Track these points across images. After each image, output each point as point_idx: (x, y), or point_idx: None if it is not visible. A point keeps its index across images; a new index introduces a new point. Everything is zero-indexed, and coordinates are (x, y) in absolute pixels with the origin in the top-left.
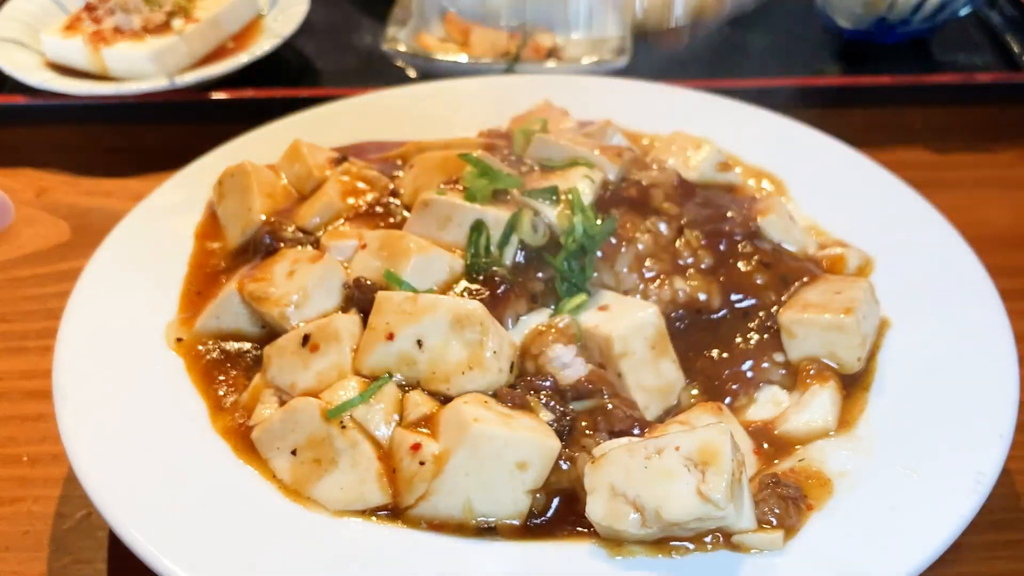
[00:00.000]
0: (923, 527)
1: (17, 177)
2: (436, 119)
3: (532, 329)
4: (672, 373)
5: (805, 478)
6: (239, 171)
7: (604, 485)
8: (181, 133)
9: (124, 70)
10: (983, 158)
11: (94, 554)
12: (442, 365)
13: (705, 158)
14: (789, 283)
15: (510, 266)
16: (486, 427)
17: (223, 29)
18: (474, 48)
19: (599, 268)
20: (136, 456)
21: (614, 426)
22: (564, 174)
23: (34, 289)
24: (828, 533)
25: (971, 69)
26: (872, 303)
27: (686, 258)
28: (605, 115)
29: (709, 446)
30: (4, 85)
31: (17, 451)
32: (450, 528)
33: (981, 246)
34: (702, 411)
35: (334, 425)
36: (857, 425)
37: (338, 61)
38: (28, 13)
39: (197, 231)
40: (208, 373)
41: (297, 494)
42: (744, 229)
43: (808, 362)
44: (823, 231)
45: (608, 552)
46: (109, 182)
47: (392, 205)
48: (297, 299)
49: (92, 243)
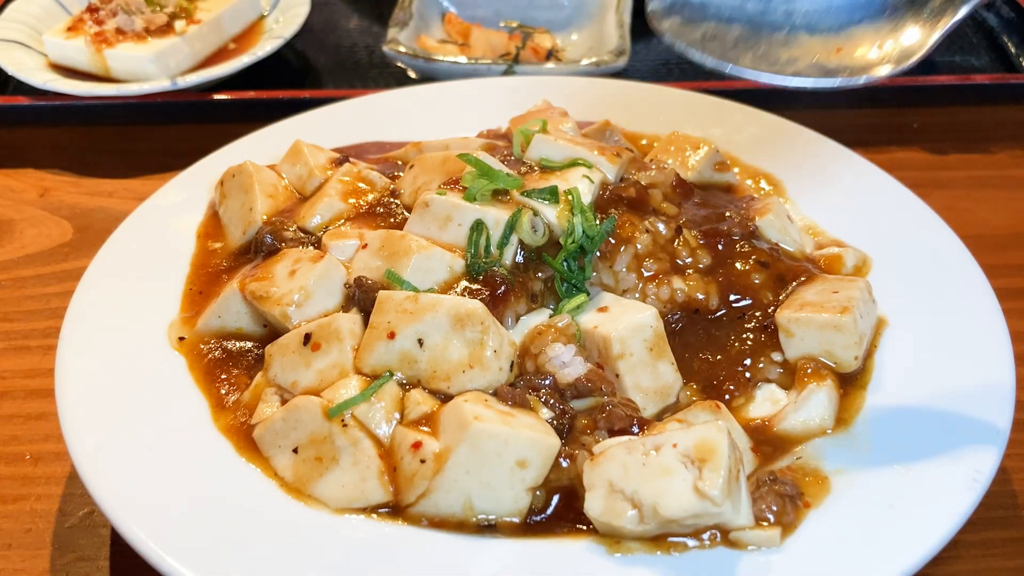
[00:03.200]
0: (920, 525)
1: (20, 177)
2: (436, 120)
3: (532, 329)
4: (670, 375)
5: (803, 476)
6: (241, 171)
7: (602, 482)
8: (183, 134)
9: (126, 71)
10: (980, 159)
11: (96, 551)
12: (443, 364)
13: (703, 158)
14: (787, 283)
15: (510, 266)
16: (486, 425)
17: (225, 30)
18: (474, 49)
19: (598, 268)
20: (138, 454)
21: (613, 424)
22: (563, 174)
23: (37, 288)
24: (825, 531)
25: (968, 70)
26: (869, 302)
27: (684, 258)
28: (604, 116)
29: (706, 443)
30: (7, 86)
31: (20, 449)
32: (451, 525)
33: (977, 246)
34: (700, 409)
35: (335, 423)
36: (854, 423)
37: (339, 62)
38: (31, 14)
39: (199, 231)
40: (210, 372)
41: (299, 492)
42: (742, 229)
43: (806, 361)
44: (820, 231)
45: (607, 549)
46: (111, 182)
47: (392, 205)
48: (298, 298)
49: (94, 243)
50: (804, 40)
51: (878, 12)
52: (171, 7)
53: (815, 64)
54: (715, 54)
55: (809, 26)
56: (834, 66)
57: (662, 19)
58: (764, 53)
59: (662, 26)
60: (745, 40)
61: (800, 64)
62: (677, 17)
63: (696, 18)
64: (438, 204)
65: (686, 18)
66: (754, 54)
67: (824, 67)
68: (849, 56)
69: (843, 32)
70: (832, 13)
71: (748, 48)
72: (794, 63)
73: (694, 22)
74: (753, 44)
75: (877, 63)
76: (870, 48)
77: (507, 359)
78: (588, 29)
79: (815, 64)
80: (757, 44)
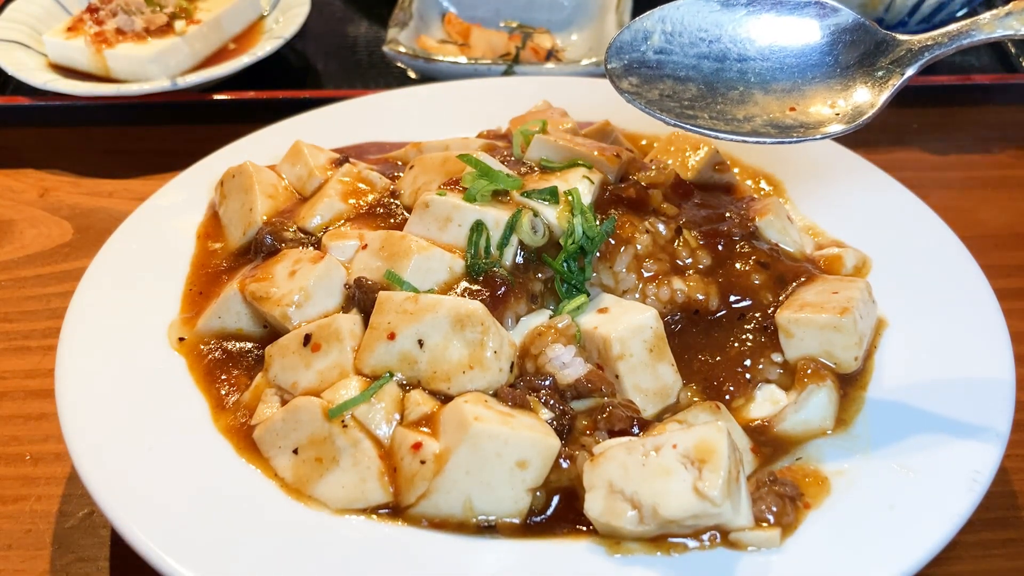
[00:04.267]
0: (920, 526)
1: (20, 178)
2: (436, 120)
3: (532, 329)
4: (669, 376)
5: (802, 476)
6: (241, 172)
7: (602, 482)
8: (183, 134)
9: (126, 71)
10: (979, 159)
11: (96, 552)
12: (443, 364)
13: (703, 159)
14: (787, 283)
15: (510, 267)
16: (487, 426)
17: (225, 31)
18: (474, 49)
19: (598, 268)
20: (138, 455)
21: (614, 425)
22: (563, 175)
23: (37, 289)
24: (825, 531)
25: (968, 70)
26: (869, 303)
27: (684, 258)
28: (604, 116)
29: (706, 444)
30: (7, 86)
31: (20, 450)
32: (451, 526)
33: (977, 246)
34: (700, 410)
35: (335, 424)
36: (854, 424)
37: (339, 62)
38: (31, 15)
39: (199, 231)
40: (210, 372)
41: (299, 492)
42: (742, 229)
43: (806, 361)
44: (820, 231)
45: (607, 550)
46: (111, 183)
47: (392, 206)
48: (298, 299)
49: (94, 243)
50: (759, 98)
51: (830, 71)
52: (171, 7)
53: (771, 122)
54: (673, 113)
55: (763, 84)
56: (789, 123)
57: (621, 79)
58: (721, 111)
59: (621, 85)
60: (702, 98)
61: (756, 122)
62: (634, 77)
63: (653, 77)
64: (438, 205)
65: (643, 78)
66: (711, 112)
67: (780, 124)
68: (804, 113)
69: (796, 91)
70: (785, 72)
71: (705, 106)
72: (751, 120)
73: (651, 81)
74: (710, 102)
75: (831, 120)
76: (823, 106)
77: (507, 360)
78: (588, 29)
79: (771, 122)
80: (714, 102)
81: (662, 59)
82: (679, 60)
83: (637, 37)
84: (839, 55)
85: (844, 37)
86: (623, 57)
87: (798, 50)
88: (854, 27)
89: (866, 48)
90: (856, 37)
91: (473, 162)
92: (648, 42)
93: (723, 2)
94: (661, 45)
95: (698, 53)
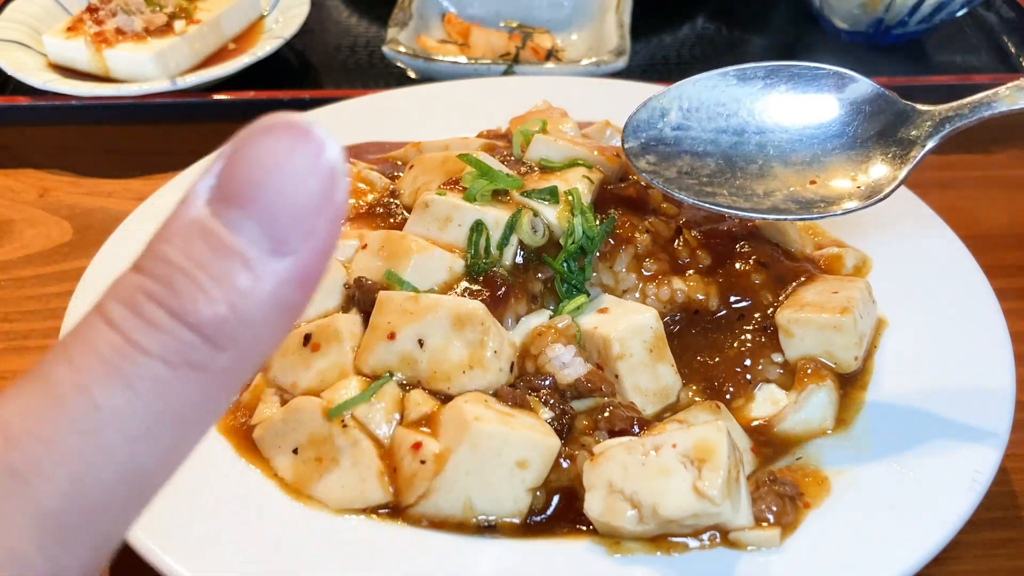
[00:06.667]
0: (920, 526)
1: (19, 177)
2: (436, 120)
3: (532, 329)
4: (669, 377)
5: (802, 476)
6: None
7: (602, 482)
8: (183, 134)
9: (126, 71)
10: (979, 159)
11: None
12: (443, 364)
13: None
14: (787, 283)
15: (510, 266)
16: (486, 426)
17: (224, 31)
18: (474, 49)
19: (598, 268)
20: None
21: (614, 425)
22: (563, 175)
23: (36, 289)
24: (825, 531)
25: (968, 70)
26: (869, 303)
27: (684, 258)
28: (604, 116)
29: (705, 443)
30: (6, 86)
31: None
32: (450, 526)
33: (977, 246)
34: (700, 410)
35: (335, 424)
36: (854, 424)
37: (339, 62)
38: (30, 14)
39: None
40: None
41: (298, 492)
42: (742, 229)
43: (806, 361)
44: (821, 231)
45: (607, 549)
46: (111, 183)
47: (392, 205)
48: None
49: (94, 243)
50: (779, 171)
51: (851, 142)
52: (171, 7)
53: (791, 196)
54: (692, 191)
55: (783, 157)
56: (810, 198)
57: (639, 157)
58: (740, 186)
59: (639, 164)
60: (721, 173)
61: (777, 197)
62: (652, 155)
63: (671, 154)
64: (438, 204)
65: (661, 155)
66: (730, 188)
67: (800, 199)
68: (825, 187)
69: (816, 163)
70: (805, 143)
71: (724, 182)
72: (771, 195)
73: (669, 159)
74: (729, 177)
75: (852, 195)
76: (844, 178)
77: (507, 360)
78: (588, 29)
79: (791, 196)
80: (733, 177)
81: (680, 135)
82: (697, 135)
83: (654, 115)
84: (859, 126)
85: (864, 107)
86: (640, 135)
87: (818, 121)
88: (874, 97)
89: (887, 119)
90: (876, 108)
91: (473, 162)
92: (665, 119)
93: (740, 76)
94: (679, 121)
95: (716, 127)
